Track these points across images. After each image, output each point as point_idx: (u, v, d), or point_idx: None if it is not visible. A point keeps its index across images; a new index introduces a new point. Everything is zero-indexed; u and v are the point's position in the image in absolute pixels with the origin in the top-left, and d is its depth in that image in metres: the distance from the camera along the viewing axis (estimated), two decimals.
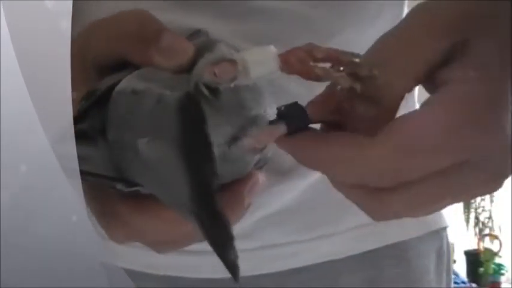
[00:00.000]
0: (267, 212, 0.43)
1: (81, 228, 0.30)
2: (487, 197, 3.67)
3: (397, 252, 0.47)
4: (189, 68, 0.30)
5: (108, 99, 0.30)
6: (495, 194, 3.69)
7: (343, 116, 0.31)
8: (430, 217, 0.48)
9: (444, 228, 0.51)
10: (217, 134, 0.28)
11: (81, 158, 0.29)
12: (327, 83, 0.32)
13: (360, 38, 0.42)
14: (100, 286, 0.32)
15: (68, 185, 0.29)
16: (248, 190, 0.30)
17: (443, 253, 0.50)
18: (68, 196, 0.29)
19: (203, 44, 0.32)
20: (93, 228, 0.30)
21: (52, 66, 0.29)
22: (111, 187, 0.30)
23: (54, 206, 0.30)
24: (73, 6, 0.30)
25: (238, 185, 0.30)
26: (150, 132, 0.28)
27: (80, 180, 0.29)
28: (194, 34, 0.35)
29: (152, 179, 0.29)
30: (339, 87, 0.30)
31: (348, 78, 0.30)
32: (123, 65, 0.32)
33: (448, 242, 0.51)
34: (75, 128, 0.29)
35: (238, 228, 0.30)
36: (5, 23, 0.28)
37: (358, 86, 0.29)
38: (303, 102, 0.31)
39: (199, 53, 0.31)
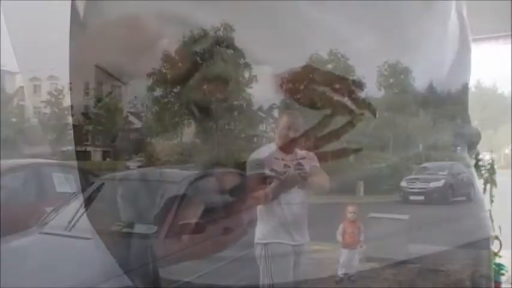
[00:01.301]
0: (280, 221, 0.44)
1: (83, 230, 0.32)
2: (487, 196, 3.69)
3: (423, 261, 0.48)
4: (184, 79, 0.31)
5: None
6: (495, 194, 3.70)
7: None
8: (463, 229, 0.49)
9: (484, 240, 0.52)
10: (198, 156, 0.29)
11: None
12: None
13: (377, 45, 0.44)
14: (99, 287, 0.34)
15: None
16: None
17: (482, 263, 0.52)
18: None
19: (201, 55, 0.32)
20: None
21: (51, 66, 0.30)
22: None
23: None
24: (71, 6, 0.31)
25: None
26: None
27: (78, 179, 0.30)
28: (201, 38, 0.35)
29: None
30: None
31: (348, 108, 0.31)
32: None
33: (489, 251, 0.53)
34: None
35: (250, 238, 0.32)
36: (5, 24, 0.29)
37: (356, 121, 0.30)
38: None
39: (196, 66, 0.31)
